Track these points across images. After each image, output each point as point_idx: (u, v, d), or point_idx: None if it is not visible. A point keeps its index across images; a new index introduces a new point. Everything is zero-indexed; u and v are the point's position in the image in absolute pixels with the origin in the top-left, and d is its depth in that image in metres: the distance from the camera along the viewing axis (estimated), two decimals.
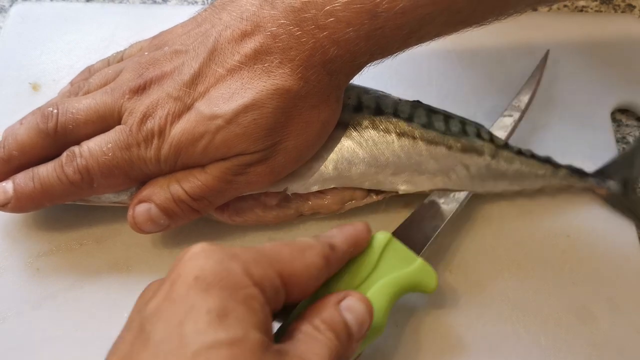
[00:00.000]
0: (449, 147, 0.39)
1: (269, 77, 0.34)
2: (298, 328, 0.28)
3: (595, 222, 0.42)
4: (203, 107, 0.34)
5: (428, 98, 0.41)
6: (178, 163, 0.35)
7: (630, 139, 0.48)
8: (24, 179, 0.35)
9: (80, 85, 0.38)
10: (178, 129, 0.34)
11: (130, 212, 0.35)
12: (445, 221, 0.38)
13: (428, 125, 0.39)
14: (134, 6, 0.52)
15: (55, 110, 0.35)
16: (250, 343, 0.24)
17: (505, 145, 0.41)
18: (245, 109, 0.33)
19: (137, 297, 0.28)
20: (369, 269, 0.33)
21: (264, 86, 0.33)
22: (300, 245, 0.30)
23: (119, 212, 0.38)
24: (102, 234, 0.39)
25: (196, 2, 0.53)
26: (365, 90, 0.40)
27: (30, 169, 0.35)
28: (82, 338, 0.36)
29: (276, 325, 0.30)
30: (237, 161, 0.35)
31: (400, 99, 0.40)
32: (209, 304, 0.24)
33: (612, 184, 0.42)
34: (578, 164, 0.43)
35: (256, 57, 0.34)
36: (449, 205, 0.38)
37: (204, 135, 0.34)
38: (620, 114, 0.49)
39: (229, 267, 0.26)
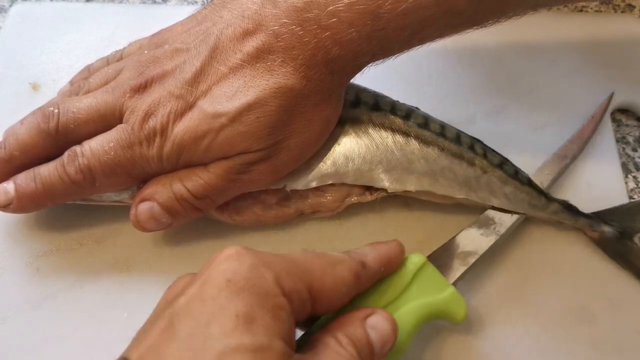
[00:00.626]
0: (441, 149, 0.39)
1: (272, 75, 0.34)
2: (320, 340, 0.28)
3: None
4: (206, 105, 0.34)
5: (427, 98, 0.41)
6: (180, 161, 0.35)
7: (630, 139, 0.48)
8: (25, 180, 0.35)
9: (81, 84, 0.38)
10: (181, 127, 0.34)
11: (132, 211, 0.36)
12: (482, 252, 0.37)
13: (423, 126, 0.40)
14: (134, 6, 0.52)
15: (56, 110, 0.35)
16: (274, 351, 0.24)
17: (500, 165, 0.40)
18: (249, 107, 0.33)
19: (165, 290, 0.29)
20: (399, 290, 0.33)
21: (266, 84, 0.33)
22: (332, 259, 0.30)
23: (119, 212, 0.38)
24: (102, 234, 0.39)
25: (196, 2, 0.53)
26: (364, 89, 0.40)
27: (32, 169, 0.35)
28: (82, 338, 0.36)
29: (297, 334, 0.30)
30: (240, 160, 0.35)
31: (398, 101, 0.41)
32: (237, 308, 0.25)
33: (607, 229, 0.40)
34: (578, 163, 0.43)
35: (258, 56, 0.34)
36: (488, 237, 0.38)
37: (207, 133, 0.34)
38: (620, 114, 0.49)
39: (261, 274, 0.26)
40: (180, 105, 0.34)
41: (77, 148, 0.35)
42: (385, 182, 0.39)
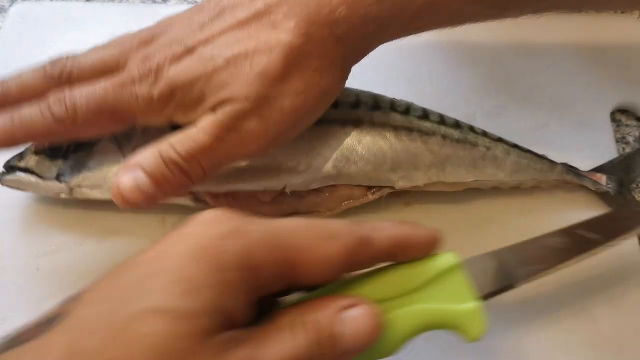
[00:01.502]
0: (444, 137, 0.40)
1: (274, 29, 0.34)
2: (278, 317, 0.25)
3: None
4: (205, 51, 0.34)
5: (427, 97, 0.41)
6: (171, 105, 0.34)
7: (630, 139, 0.48)
8: (4, 115, 0.35)
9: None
10: (176, 69, 0.34)
11: (114, 182, 0.33)
12: (532, 277, 0.32)
13: (423, 118, 0.40)
14: (134, 6, 0.52)
15: (65, 59, 0.36)
16: (194, 324, 0.23)
17: (499, 139, 0.41)
18: (246, 54, 0.34)
19: None
20: (414, 285, 0.28)
21: (268, 37, 0.34)
22: (326, 232, 0.26)
23: (118, 212, 0.38)
24: (102, 234, 0.39)
25: (196, 1, 0.53)
26: (361, 91, 0.40)
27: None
28: None
29: (295, 296, 0.27)
30: (228, 110, 0.34)
31: (395, 98, 0.41)
32: (186, 273, 0.24)
33: (607, 184, 0.42)
34: (578, 164, 0.43)
35: (266, 10, 0.34)
36: None
37: (201, 76, 0.34)
38: (620, 114, 0.49)
39: (224, 245, 0.24)
40: (180, 49, 0.34)
41: (67, 86, 0.35)
42: (393, 180, 0.39)
